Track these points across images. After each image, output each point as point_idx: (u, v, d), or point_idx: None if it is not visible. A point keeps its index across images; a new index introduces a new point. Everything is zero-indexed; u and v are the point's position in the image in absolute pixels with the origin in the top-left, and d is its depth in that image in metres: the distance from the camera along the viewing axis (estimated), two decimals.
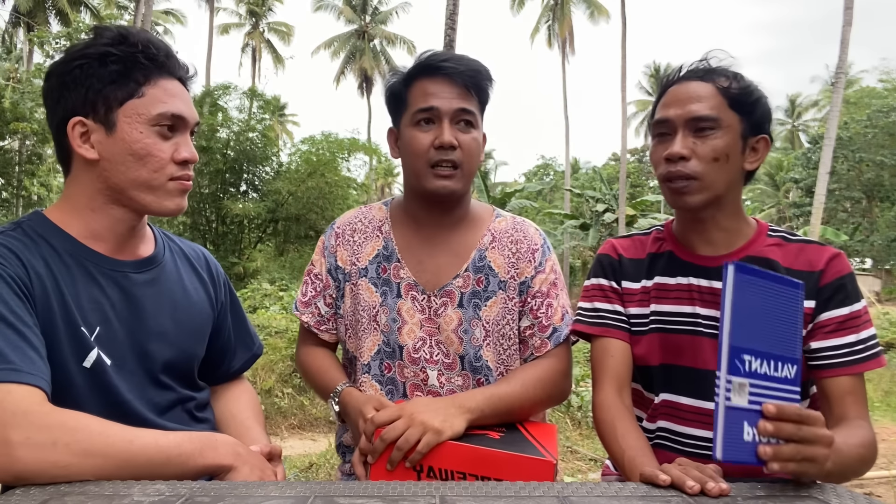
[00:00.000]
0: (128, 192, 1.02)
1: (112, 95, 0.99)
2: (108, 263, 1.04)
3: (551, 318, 1.31)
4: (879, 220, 24.31)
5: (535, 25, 32.87)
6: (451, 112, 1.23)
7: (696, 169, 1.14)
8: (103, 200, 1.03)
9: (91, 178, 1.02)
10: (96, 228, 1.04)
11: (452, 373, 1.29)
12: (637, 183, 35.14)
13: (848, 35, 13.55)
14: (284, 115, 37.61)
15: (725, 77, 1.16)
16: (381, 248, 1.34)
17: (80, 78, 0.99)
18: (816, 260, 1.15)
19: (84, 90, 0.98)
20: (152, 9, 16.25)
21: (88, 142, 1.00)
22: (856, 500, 0.82)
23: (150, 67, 1.01)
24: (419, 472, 1.05)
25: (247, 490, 0.81)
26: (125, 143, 0.99)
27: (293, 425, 6.22)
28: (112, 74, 0.99)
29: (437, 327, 1.29)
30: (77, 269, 1.00)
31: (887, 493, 3.75)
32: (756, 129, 1.17)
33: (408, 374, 1.29)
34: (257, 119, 18.47)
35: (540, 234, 1.38)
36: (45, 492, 0.79)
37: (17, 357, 0.85)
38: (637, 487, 0.86)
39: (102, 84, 0.98)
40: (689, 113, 1.14)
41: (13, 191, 18.91)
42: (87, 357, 0.97)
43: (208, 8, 32.31)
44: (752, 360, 0.81)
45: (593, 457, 4.48)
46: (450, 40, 6.63)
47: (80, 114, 0.99)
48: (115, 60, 0.99)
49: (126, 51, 1.00)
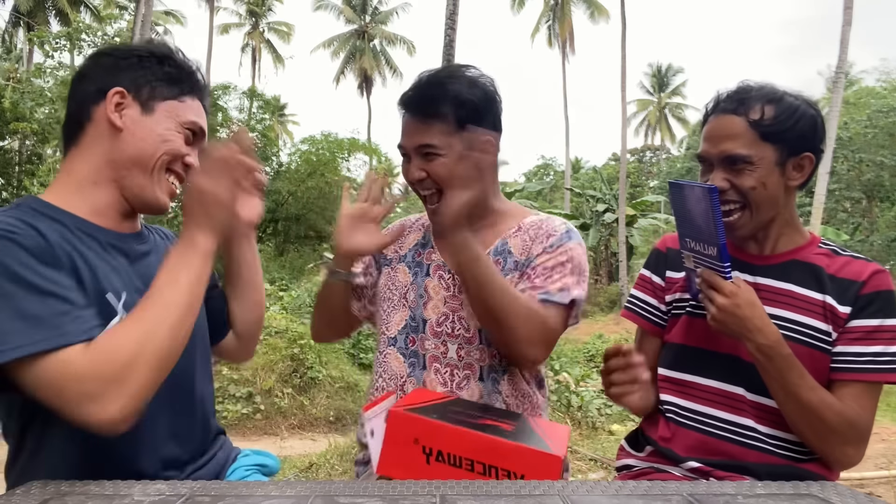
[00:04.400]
0: (129, 170, 1.07)
1: (159, 89, 1.09)
2: (114, 237, 1.08)
3: (546, 285, 1.30)
4: (879, 220, 24.32)
5: (536, 25, 32.88)
6: (414, 148, 1.33)
7: (735, 199, 1.21)
8: (105, 177, 1.07)
9: (102, 150, 1.06)
10: (99, 205, 1.07)
11: (472, 346, 1.34)
12: (637, 183, 35.17)
13: (848, 35, 13.55)
14: (284, 115, 37.61)
15: (758, 108, 1.19)
16: (420, 238, 1.48)
17: (137, 65, 1.09)
18: (861, 271, 1.20)
19: (137, 75, 1.08)
20: (152, 9, 16.24)
21: (120, 112, 1.07)
22: (857, 498, 0.82)
23: (195, 84, 1.15)
24: (428, 455, 1.05)
25: (247, 490, 0.81)
26: (156, 125, 1.08)
27: (293, 425, 6.22)
28: (166, 75, 1.11)
29: (460, 304, 1.36)
30: (90, 241, 1.02)
31: (887, 493, 3.76)
32: (795, 149, 1.20)
33: (429, 346, 1.36)
34: (257, 119, 18.49)
35: (566, 226, 1.39)
36: (46, 491, 0.79)
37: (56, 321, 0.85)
38: (637, 486, 0.86)
39: (155, 77, 1.09)
40: (722, 152, 1.21)
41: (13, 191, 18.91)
42: (109, 324, 0.98)
43: (208, 8, 32.33)
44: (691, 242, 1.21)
45: (593, 457, 4.49)
46: (450, 40, 6.63)
47: (123, 87, 1.07)
48: (172, 65, 1.12)
49: (182, 62, 1.14)
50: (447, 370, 1.34)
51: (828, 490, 0.85)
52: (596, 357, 8.71)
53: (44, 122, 15.84)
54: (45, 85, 15.76)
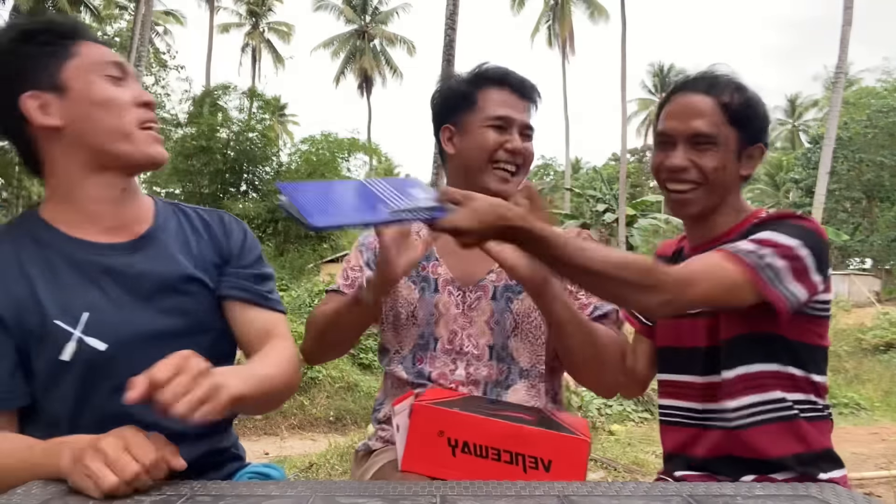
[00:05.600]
0: (105, 148, 1.01)
1: (52, 64, 0.99)
2: (96, 249, 1.02)
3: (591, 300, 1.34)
4: (879, 220, 24.33)
5: (536, 25, 32.93)
6: (520, 124, 1.34)
7: (695, 178, 1.20)
8: (89, 170, 1.02)
9: (66, 154, 1.01)
10: (88, 208, 1.03)
11: (480, 363, 1.32)
12: (637, 183, 35.19)
13: (848, 35, 13.56)
14: (284, 115, 37.56)
15: (728, 91, 1.21)
16: None
17: (14, 62, 0.99)
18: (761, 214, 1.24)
19: (23, 70, 0.98)
20: (152, 9, 16.25)
21: (47, 112, 0.99)
22: (855, 499, 0.82)
23: (72, 31, 1.03)
24: (454, 447, 1.05)
25: (247, 490, 0.81)
26: (81, 96, 0.99)
27: (293, 425, 6.22)
28: (41, 45, 0.99)
29: (469, 321, 1.34)
30: (61, 262, 1.00)
31: (887, 493, 3.76)
32: (753, 139, 1.22)
33: (438, 364, 1.33)
34: (257, 119, 18.49)
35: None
36: (46, 491, 0.79)
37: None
38: (637, 486, 0.86)
39: (37, 58, 0.99)
40: (689, 129, 1.20)
41: (13, 191, 18.92)
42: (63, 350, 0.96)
43: (208, 8, 32.34)
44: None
45: (593, 457, 4.49)
46: (450, 40, 6.63)
47: (27, 90, 0.98)
48: (41, 34, 1.00)
49: (44, 25, 1.02)
50: (452, 386, 1.31)
51: (826, 491, 0.86)
52: None
53: None
54: None
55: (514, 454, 1.02)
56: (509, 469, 1.01)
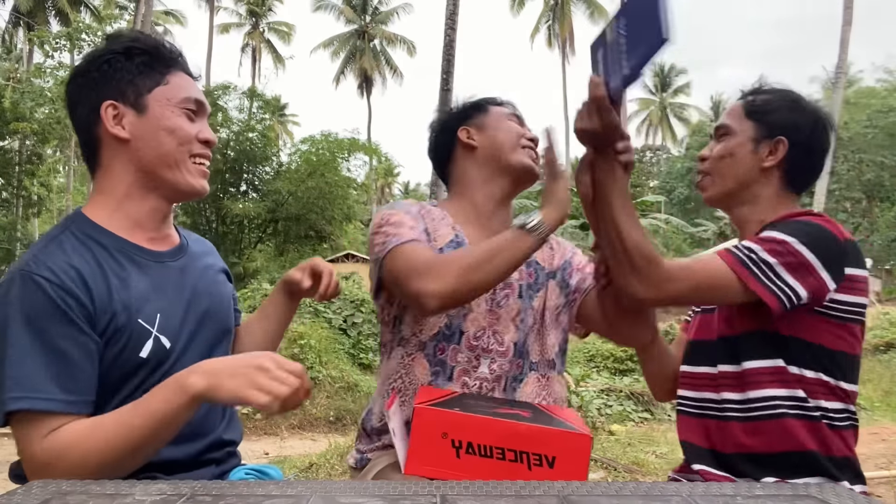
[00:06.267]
0: (157, 172, 1.08)
1: (141, 83, 1.07)
2: (151, 255, 1.09)
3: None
4: (879, 220, 24.34)
5: (536, 26, 32.95)
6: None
7: (707, 166, 1.33)
8: (138, 188, 1.09)
9: (123, 164, 1.07)
10: (137, 217, 1.09)
11: (504, 360, 1.34)
12: (637, 183, 35.14)
13: (848, 35, 13.56)
14: (284, 115, 37.61)
15: (754, 92, 1.33)
16: (453, 237, 1.39)
17: (109, 72, 1.06)
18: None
19: (114, 81, 1.06)
20: (152, 9, 16.25)
21: (120, 124, 1.06)
22: (855, 499, 0.82)
23: (170, 60, 1.11)
24: (458, 449, 1.05)
25: (247, 490, 0.81)
26: (156, 120, 1.07)
27: (293, 425, 6.23)
28: (139, 66, 1.07)
29: (497, 318, 1.35)
30: (128, 264, 1.05)
31: (887, 494, 3.76)
32: (772, 132, 1.27)
33: (461, 359, 1.32)
34: (257, 119, 18.49)
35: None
36: (47, 491, 0.79)
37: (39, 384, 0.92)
38: (637, 486, 0.86)
39: (131, 75, 1.07)
40: (717, 125, 1.34)
41: (13, 191, 18.92)
42: (143, 347, 1.01)
43: (208, 8, 32.34)
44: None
45: (593, 457, 4.49)
46: (450, 40, 6.63)
47: (111, 99, 1.06)
48: (139, 53, 1.08)
49: (147, 45, 1.10)
50: (476, 383, 1.31)
51: (826, 491, 0.86)
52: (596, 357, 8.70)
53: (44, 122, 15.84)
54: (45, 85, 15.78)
55: (518, 452, 1.03)
56: (513, 467, 1.02)
